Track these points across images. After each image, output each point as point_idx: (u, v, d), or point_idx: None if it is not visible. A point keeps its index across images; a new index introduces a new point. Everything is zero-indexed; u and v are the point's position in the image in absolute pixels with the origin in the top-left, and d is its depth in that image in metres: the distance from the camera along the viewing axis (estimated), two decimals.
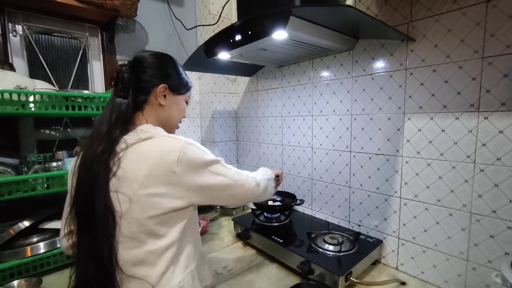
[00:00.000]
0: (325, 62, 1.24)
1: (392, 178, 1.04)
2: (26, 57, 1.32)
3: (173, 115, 0.78)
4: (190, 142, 0.66)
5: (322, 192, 1.32)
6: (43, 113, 1.05)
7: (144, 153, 0.63)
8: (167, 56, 0.79)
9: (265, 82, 1.57)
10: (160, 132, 0.68)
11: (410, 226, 1.00)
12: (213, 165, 0.67)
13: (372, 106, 1.08)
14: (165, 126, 0.75)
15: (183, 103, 0.81)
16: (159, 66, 0.75)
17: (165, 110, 0.75)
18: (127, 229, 0.62)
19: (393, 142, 1.03)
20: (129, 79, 0.71)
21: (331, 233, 1.15)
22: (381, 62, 1.04)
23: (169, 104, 0.76)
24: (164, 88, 0.73)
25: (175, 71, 0.78)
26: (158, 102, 0.73)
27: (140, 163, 0.62)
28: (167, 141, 0.64)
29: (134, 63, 0.73)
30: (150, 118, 0.73)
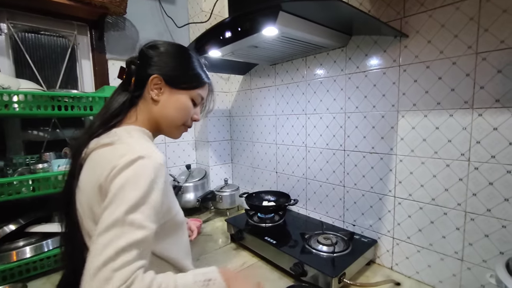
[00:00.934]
0: (318, 59, 1.22)
1: (386, 177, 1.03)
2: (12, 56, 1.28)
3: (170, 114, 0.66)
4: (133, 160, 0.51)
5: (317, 192, 1.30)
6: (28, 113, 1.02)
7: (96, 162, 0.57)
8: (178, 46, 0.70)
9: (258, 80, 1.55)
10: (126, 139, 0.58)
11: (405, 226, 0.99)
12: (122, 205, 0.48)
13: (366, 104, 1.06)
14: (160, 126, 0.68)
15: (185, 100, 0.68)
16: (162, 55, 0.65)
17: (159, 106, 0.65)
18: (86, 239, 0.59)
19: (387, 141, 1.01)
20: (133, 70, 0.64)
21: (325, 233, 1.13)
22: (375, 58, 1.02)
23: (165, 100, 0.65)
24: (158, 79, 0.63)
25: (178, 62, 0.67)
26: (150, 96, 0.64)
27: (90, 174, 0.56)
28: (118, 150, 0.55)
29: (141, 51, 0.66)
30: (142, 116, 0.66)
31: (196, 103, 0.72)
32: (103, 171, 0.53)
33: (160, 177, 0.54)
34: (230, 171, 1.85)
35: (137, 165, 0.52)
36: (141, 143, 0.59)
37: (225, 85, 1.76)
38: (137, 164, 0.52)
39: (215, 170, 1.77)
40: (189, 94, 0.69)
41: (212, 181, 1.75)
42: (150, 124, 0.67)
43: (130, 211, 0.48)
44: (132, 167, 0.51)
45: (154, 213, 0.52)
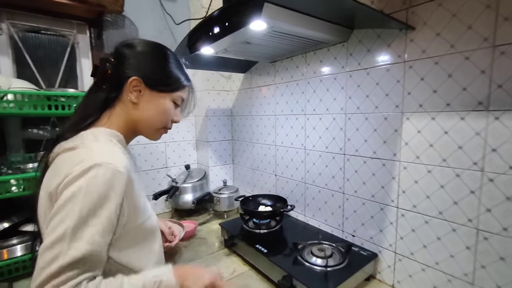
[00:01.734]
0: (318, 55, 1.13)
1: (388, 185, 0.93)
2: (13, 56, 1.29)
3: (150, 116, 0.64)
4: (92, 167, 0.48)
5: (315, 198, 1.22)
6: (23, 113, 1.02)
7: (57, 168, 0.53)
8: (158, 46, 0.67)
9: (258, 78, 1.48)
10: (90, 142, 0.55)
11: (408, 240, 0.89)
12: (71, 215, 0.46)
13: (368, 104, 0.96)
14: (139, 129, 0.66)
15: (165, 102, 0.65)
16: (140, 56, 0.63)
17: (138, 109, 0.62)
18: None
19: (390, 145, 0.91)
20: (108, 69, 0.61)
21: (321, 243, 1.04)
22: (378, 54, 0.92)
23: (145, 102, 0.63)
24: (137, 81, 0.61)
25: (159, 63, 0.64)
26: (129, 99, 0.61)
27: (49, 179, 0.53)
28: (77, 157, 0.52)
29: (117, 50, 0.63)
30: (117, 119, 0.63)
31: (177, 105, 0.69)
32: (58, 178, 0.50)
33: (118, 185, 0.51)
34: (231, 172, 1.80)
35: (91, 174, 0.49)
36: (104, 148, 0.55)
37: (227, 83, 1.71)
38: (92, 173, 0.49)
39: (215, 170, 1.72)
40: (170, 97, 0.66)
41: (211, 182, 1.71)
42: (126, 126, 0.64)
43: (78, 226, 0.46)
44: (86, 176, 0.49)
45: (108, 225, 0.49)
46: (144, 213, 0.61)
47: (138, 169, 0.73)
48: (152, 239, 0.64)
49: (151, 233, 0.64)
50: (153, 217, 0.65)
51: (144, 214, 0.61)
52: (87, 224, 0.47)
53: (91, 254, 0.46)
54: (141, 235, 0.61)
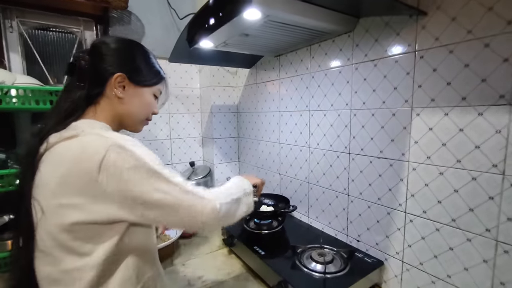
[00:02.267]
0: (323, 47, 1.06)
1: (396, 188, 0.85)
2: (23, 53, 1.33)
3: (135, 110, 0.67)
4: (121, 144, 0.53)
5: (319, 199, 1.15)
6: (25, 108, 1.04)
7: (61, 155, 0.54)
8: (134, 43, 0.69)
9: (263, 73, 1.43)
10: (90, 130, 0.56)
11: (417, 249, 0.80)
12: (150, 176, 0.53)
13: (374, 99, 0.89)
14: (124, 122, 0.67)
15: (148, 96, 0.69)
16: (120, 52, 0.64)
17: (124, 103, 0.64)
18: (41, 243, 0.54)
19: (398, 144, 0.83)
20: (85, 67, 0.61)
21: (323, 247, 0.98)
22: (386, 44, 0.84)
23: (130, 97, 0.65)
24: (122, 77, 0.62)
25: (139, 59, 0.67)
26: (114, 94, 0.63)
27: (55, 166, 0.54)
28: (91, 141, 0.53)
29: (93, 48, 0.64)
30: (103, 113, 0.63)
31: (156, 98, 0.72)
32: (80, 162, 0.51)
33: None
34: (237, 170, 1.76)
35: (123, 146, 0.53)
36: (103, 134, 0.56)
37: (232, 79, 1.67)
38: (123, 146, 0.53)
39: (220, 168, 1.69)
40: (151, 90, 0.69)
41: (216, 179, 1.68)
42: (112, 120, 0.65)
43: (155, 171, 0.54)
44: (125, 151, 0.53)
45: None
46: None
47: None
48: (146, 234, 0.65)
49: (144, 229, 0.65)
50: None
51: None
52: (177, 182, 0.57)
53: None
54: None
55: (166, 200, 0.54)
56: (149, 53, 0.70)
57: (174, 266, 1.07)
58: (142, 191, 0.52)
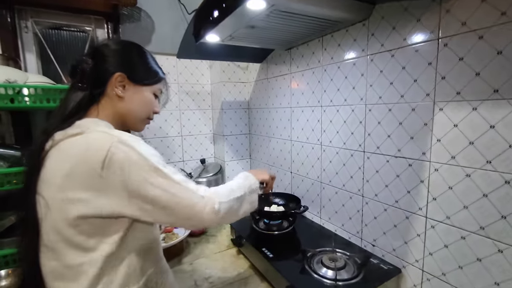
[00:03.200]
0: (335, 38, 0.99)
1: (415, 190, 0.77)
2: (38, 52, 1.36)
3: (135, 108, 0.68)
4: (124, 140, 0.54)
5: (332, 199, 1.09)
6: (38, 106, 1.05)
7: (67, 151, 0.55)
8: (134, 44, 0.70)
9: (274, 68, 1.37)
10: (95, 127, 0.58)
11: (440, 258, 0.73)
12: (150, 172, 0.54)
13: (392, 93, 0.81)
14: (126, 121, 0.68)
15: (148, 95, 0.70)
16: (119, 53, 0.66)
17: (124, 102, 0.65)
18: (46, 237, 0.56)
19: (418, 142, 0.75)
20: (87, 69, 0.63)
21: (335, 251, 0.93)
22: (405, 32, 0.76)
23: (130, 96, 0.66)
24: (122, 77, 0.64)
25: (138, 59, 0.69)
26: (115, 93, 0.64)
27: (61, 162, 0.55)
28: (96, 138, 0.54)
29: (95, 51, 0.66)
30: (104, 111, 0.64)
31: (156, 97, 0.72)
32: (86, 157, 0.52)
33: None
34: (248, 168, 1.73)
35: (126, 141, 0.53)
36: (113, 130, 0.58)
37: (243, 74, 1.63)
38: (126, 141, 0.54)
39: (232, 165, 1.66)
40: (151, 89, 0.70)
41: (227, 177, 1.66)
42: (114, 119, 0.66)
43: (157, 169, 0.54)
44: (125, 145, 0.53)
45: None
46: None
47: None
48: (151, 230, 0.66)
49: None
50: None
51: None
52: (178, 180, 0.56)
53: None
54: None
55: (164, 197, 0.54)
56: (148, 54, 0.71)
57: (182, 265, 1.05)
58: (140, 186, 0.52)
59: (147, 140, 1.55)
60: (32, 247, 0.57)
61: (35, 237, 0.57)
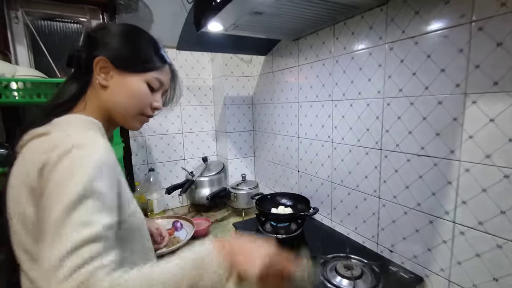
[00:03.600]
0: (349, 26, 0.91)
1: (441, 192, 0.70)
2: (30, 44, 1.28)
3: (121, 101, 0.57)
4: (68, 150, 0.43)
5: (344, 200, 1.02)
6: (27, 102, 0.98)
7: (25, 154, 0.49)
8: (129, 25, 0.61)
9: (280, 60, 1.29)
10: (62, 127, 0.50)
11: (470, 268, 0.66)
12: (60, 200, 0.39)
13: (414, 85, 0.73)
14: (113, 116, 0.58)
15: (137, 85, 0.57)
16: (105, 34, 0.57)
17: (108, 93, 0.56)
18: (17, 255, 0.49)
19: (446, 139, 0.68)
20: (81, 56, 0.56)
21: (349, 258, 0.86)
22: (430, 16, 0.68)
23: (115, 85, 0.56)
24: (104, 61, 0.54)
25: (128, 40, 0.58)
26: (98, 82, 0.55)
27: (19, 167, 0.49)
28: (51, 140, 0.47)
29: (86, 37, 0.59)
30: (91, 105, 0.57)
31: (153, 88, 0.60)
32: (33, 166, 0.44)
33: (103, 168, 0.45)
34: (252, 166, 1.66)
35: (71, 155, 0.43)
36: (79, 132, 0.50)
37: (247, 68, 1.55)
38: (72, 155, 0.43)
39: (235, 164, 1.59)
40: (142, 78, 0.58)
41: (231, 176, 1.58)
42: (101, 113, 0.58)
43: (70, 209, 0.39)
44: (66, 158, 0.43)
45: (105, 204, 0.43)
46: (129, 206, 0.53)
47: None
48: (138, 237, 0.57)
49: (138, 229, 0.57)
50: (138, 212, 0.58)
51: (129, 207, 0.53)
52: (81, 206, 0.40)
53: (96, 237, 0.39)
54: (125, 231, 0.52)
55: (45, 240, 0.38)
56: (145, 36, 0.60)
57: None
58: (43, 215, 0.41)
59: (145, 138, 1.48)
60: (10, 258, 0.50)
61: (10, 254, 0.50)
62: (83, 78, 0.56)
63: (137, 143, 1.46)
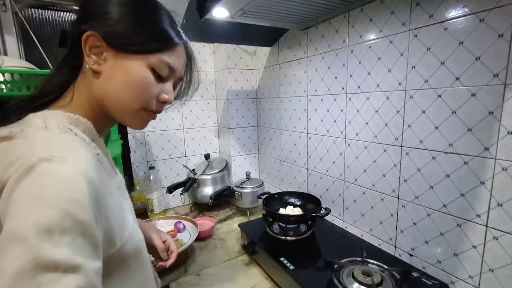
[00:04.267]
0: (366, 12, 0.84)
1: (472, 193, 0.64)
2: (19, 34, 1.20)
3: (117, 91, 0.43)
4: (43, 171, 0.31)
5: (358, 200, 0.96)
6: (16, 95, 0.90)
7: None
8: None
9: (287, 52, 1.22)
10: (32, 132, 0.37)
11: (504, 276, 0.60)
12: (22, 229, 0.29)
13: (442, 75, 0.67)
14: (107, 110, 0.45)
15: (138, 69, 0.43)
16: (104, 4, 0.42)
17: (101, 80, 0.43)
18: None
19: (479, 135, 0.61)
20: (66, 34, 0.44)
21: (366, 262, 0.80)
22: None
23: (109, 70, 0.42)
24: (95, 39, 0.41)
25: (129, 10, 0.42)
26: (88, 66, 0.42)
27: None
28: (14, 151, 0.35)
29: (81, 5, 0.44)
30: (80, 97, 0.44)
31: (161, 76, 0.45)
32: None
33: (82, 190, 0.33)
34: (256, 163, 1.59)
35: (39, 172, 0.31)
36: (53, 139, 0.37)
37: (251, 60, 1.47)
38: (40, 171, 0.31)
39: (238, 161, 1.53)
40: (145, 61, 0.43)
41: (234, 173, 1.52)
42: (92, 108, 0.45)
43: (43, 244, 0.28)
44: (33, 176, 0.31)
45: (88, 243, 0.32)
46: (122, 230, 0.42)
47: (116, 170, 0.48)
48: (135, 265, 0.46)
49: (134, 257, 0.45)
50: (135, 235, 0.46)
51: (122, 231, 0.42)
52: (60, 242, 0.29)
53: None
54: (120, 261, 0.42)
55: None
56: (155, 7, 0.45)
57: (188, 276, 0.93)
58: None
59: (145, 134, 1.40)
60: None
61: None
62: (72, 62, 0.44)
63: (136, 139, 1.39)
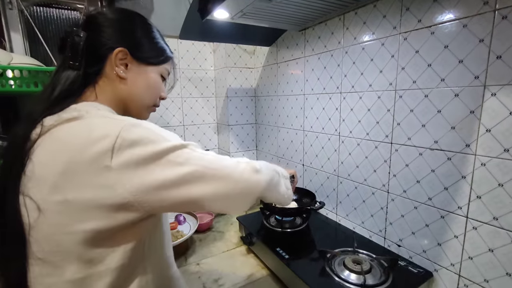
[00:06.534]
0: (360, 15, 0.88)
1: (455, 187, 0.69)
2: (25, 32, 1.23)
3: (139, 92, 0.58)
4: (136, 123, 0.45)
5: (351, 195, 1.00)
6: (24, 91, 0.94)
7: (62, 140, 0.44)
8: (136, 13, 0.59)
9: (285, 51, 1.26)
10: (96, 112, 0.48)
11: (482, 263, 0.65)
12: (174, 151, 0.44)
13: (429, 76, 0.71)
14: (128, 107, 0.58)
15: (154, 76, 0.59)
16: (120, 24, 0.55)
17: (127, 84, 0.55)
18: (38, 249, 0.44)
19: (461, 132, 0.66)
20: (80, 42, 0.51)
21: (356, 252, 0.85)
22: (449, 4, 0.66)
23: (133, 77, 0.56)
24: (123, 53, 0.53)
25: (143, 32, 0.57)
26: (116, 73, 0.54)
27: (54, 154, 0.44)
28: (100, 123, 0.45)
29: (88, 21, 0.55)
30: (104, 95, 0.54)
31: (163, 79, 0.62)
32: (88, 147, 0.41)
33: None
34: (254, 159, 1.63)
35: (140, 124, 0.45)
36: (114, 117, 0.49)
37: (250, 59, 1.51)
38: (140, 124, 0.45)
39: (237, 157, 1.57)
40: (157, 70, 0.59)
41: None
42: (115, 104, 0.56)
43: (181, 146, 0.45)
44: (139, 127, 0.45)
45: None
46: None
47: None
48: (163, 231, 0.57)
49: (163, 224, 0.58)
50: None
51: None
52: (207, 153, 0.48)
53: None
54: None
55: (195, 171, 0.44)
56: (154, 27, 0.60)
57: (188, 265, 0.97)
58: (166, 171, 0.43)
59: None
60: (15, 260, 0.46)
61: (20, 248, 0.45)
62: (92, 68, 0.53)
63: None
